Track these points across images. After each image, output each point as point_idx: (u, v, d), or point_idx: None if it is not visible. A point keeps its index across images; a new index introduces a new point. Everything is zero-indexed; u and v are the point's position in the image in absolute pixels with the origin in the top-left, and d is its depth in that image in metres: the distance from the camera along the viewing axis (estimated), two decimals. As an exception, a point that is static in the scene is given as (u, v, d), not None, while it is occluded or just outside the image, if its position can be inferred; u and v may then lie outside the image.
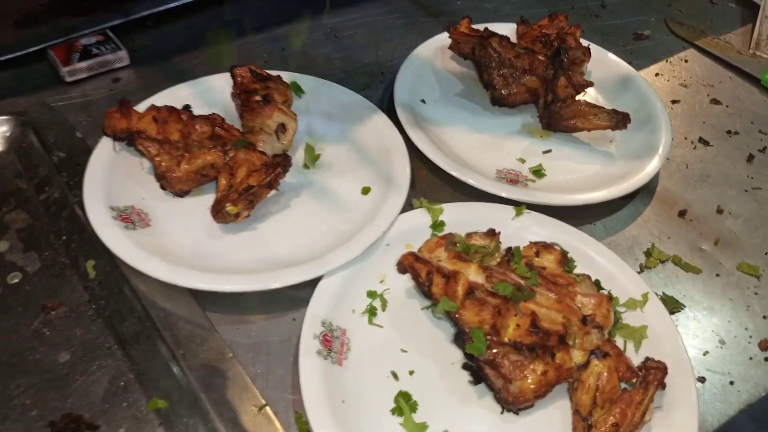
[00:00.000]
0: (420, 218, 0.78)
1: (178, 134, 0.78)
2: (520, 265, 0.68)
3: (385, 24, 1.12)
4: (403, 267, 0.69)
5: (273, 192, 0.78)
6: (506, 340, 0.60)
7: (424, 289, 0.67)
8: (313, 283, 0.70)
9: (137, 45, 1.03)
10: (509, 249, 0.71)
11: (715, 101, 1.03)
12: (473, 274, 0.66)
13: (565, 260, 0.71)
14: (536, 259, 0.70)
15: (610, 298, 0.67)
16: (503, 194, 0.81)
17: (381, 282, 0.72)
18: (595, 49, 1.03)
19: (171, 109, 0.80)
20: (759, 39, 1.14)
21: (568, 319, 0.62)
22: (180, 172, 0.77)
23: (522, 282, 0.66)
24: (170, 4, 1.04)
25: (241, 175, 0.75)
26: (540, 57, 0.94)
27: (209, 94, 0.91)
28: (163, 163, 0.77)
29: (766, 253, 0.82)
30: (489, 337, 0.61)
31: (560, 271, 0.69)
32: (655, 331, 0.68)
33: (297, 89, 0.93)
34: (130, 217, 0.75)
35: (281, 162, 0.76)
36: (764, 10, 1.17)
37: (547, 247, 0.71)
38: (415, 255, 0.68)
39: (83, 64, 0.95)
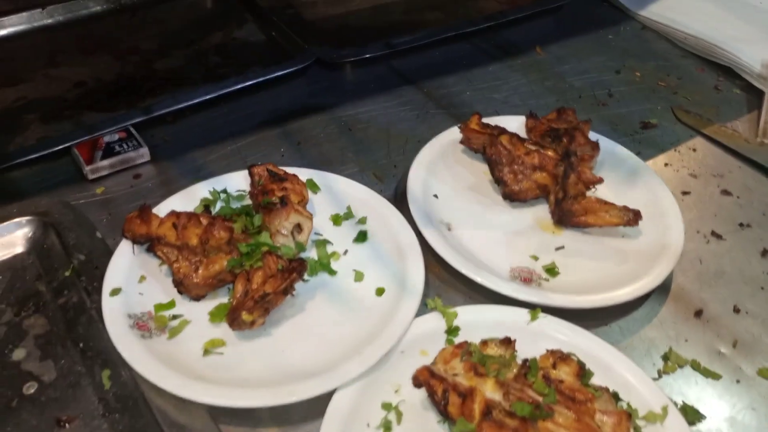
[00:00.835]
0: (434, 323, 0.78)
1: (197, 239, 0.80)
2: (537, 379, 0.68)
3: (397, 116, 1.15)
4: (418, 382, 0.69)
5: (288, 296, 0.79)
6: (525, 464, 0.59)
7: (440, 407, 0.66)
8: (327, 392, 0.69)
9: (157, 140, 1.06)
10: (525, 361, 0.70)
11: (725, 192, 1.04)
12: (490, 390, 0.65)
13: (583, 372, 0.70)
14: (553, 371, 0.70)
15: (630, 415, 0.66)
16: (518, 296, 0.81)
17: (396, 392, 0.71)
18: (604, 141, 1.05)
19: (190, 216, 0.82)
20: (765, 128, 1.16)
21: (587, 439, 0.61)
22: (198, 278, 0.78)
23: (540, 399, 0.65)
24: (189, 101, 1.08)
25: (258, 281, 0.76)
26: (550, 153, 0.96)
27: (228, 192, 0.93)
28: (181, 270, 0.78)
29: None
30: (507, 461, 0.59)
31: (578, 385, 0.68)
32: (677, 447, 0.67)
33: (313, 186, 0.95)
34: (146, 324, 0.76)
35: (297, 267, 0.77)
36: (769, 99, 1.19)
37: (564, 358, 0.71)
38: (430, 370, 0.68)
39: (106, 162, 0.98)
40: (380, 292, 0.82)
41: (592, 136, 1.06)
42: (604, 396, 0.67)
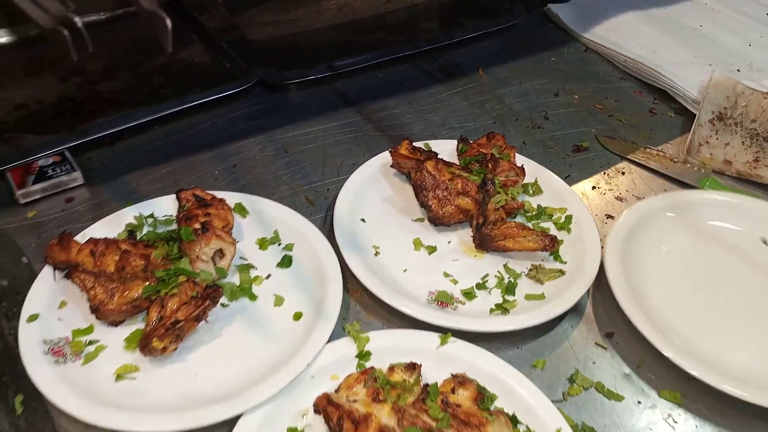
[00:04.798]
0: (346, 348, 0.80)
1: (114, 266, 0.81)
2: (434, 405, 0.70)
3: (335, 138, 1.17)
4: (317, 408, 0.71)
5: (203, 322, 0.81)
6: (411, 490, 0.61)
7: (334, 434, 0.68)
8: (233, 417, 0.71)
9: (94, 163, 1.08)
10: (426, 386, 0.72)
11: (648, 215, 1.07)
12: (386, 416, 0.67)
13: (482, 397, 0.72)
14: (452, 395, 0.72)
15: (520, 439, 0.69)
16: (431, 321, 0.83)
17: (303, 417, 0.73)
18: (531, 165, 1.08)
19: (109, 242, 0.83)
20: (691, 146, 1.19)
21: (475, 464, 0.63)
22: (113, 304, 0.80)
23: (433, 424, 0.67)
24: (125, 124, 1.09)
25: (171, 308, 0.78)
26: (474, 177, 0.99)
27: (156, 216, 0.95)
28: (97, 296, 0.80)
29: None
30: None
31: (474, 409, 0.71)
32: (570, 470, 0.69)
33: (241, 210, 0.97)
34: (62, 350, 0.77)
35: (210, 294, 0.79)
36: (699, 119, 1.23)
37: (463, 383, 0.73)
38: (328, 398, 0.70)
39: (37, 187, 0.99)
40: (298, 316, 0.84)
41: (521, 159, 1.09)
42: (499, 419, 0.70)
